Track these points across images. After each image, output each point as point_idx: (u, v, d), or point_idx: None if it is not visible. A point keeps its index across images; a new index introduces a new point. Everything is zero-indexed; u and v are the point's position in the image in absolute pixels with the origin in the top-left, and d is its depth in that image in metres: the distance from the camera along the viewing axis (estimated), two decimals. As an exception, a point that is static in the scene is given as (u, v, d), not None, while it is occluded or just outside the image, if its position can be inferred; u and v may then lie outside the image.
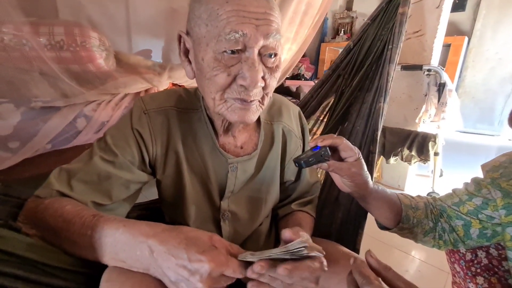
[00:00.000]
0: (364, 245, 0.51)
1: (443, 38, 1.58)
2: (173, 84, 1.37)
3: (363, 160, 0.52)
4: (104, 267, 0.40)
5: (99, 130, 0.93)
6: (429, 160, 1.53)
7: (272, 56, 0.45)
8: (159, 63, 1.32)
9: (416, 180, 1.94)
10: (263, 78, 0.45)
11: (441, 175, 1.76)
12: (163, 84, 1.16)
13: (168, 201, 0.61)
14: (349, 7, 4.29)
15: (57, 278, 0.37)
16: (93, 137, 0.93)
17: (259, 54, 0.44)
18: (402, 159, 1.63)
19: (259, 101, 0.48)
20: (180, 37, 0.49)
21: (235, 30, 0.40)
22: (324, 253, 0.38)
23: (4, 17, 0.76)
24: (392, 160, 1.67)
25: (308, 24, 1.44)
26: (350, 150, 0.51)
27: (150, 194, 0.79)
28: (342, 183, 0.55)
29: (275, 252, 0.36)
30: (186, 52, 0.50)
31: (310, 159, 0.48)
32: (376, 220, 0.63)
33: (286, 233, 0.40)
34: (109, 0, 1.22)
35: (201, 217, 0.61)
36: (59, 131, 0.83)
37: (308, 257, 0.38)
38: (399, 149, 1.62)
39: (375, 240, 1.31)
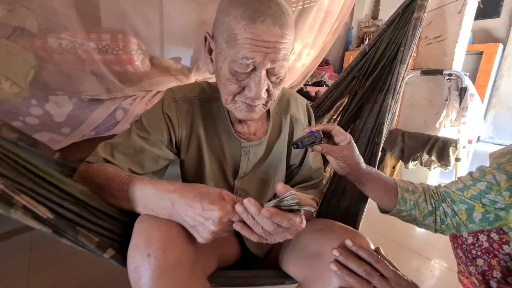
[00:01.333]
0: (382, 248, 0.57)
1: (466, 43, 1.56)
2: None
3: (354, 144, 0.58)
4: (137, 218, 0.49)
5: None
6: (449, 166, 1.49)
7: (277, 75, 0.54)
8: (187, 66, 1.46)
9: (438, 188, 1.89)
10: (267, 90, 0.54)
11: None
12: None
13: (189, 180, 0.71)
14: (374, 16, 4.28)
15: (101, 220, 0.47)
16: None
17: (266, 71, 0.52)
18: (421, 164, 1.61)
19: (263, 104, 0.57)
20: (205, 37, 0.59)
21: (247, 57, 0.48)
22: (316, 207, 0.44)
23: (68, 26, 0.92)
24: (411, 165, 1.65)
25: (326, 31, 1.51)
26: (341, 134, 0.58)
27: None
28: (337, 165, 0.61)
29: (270, 203, 0.43)
30: (210, 51, 0.59)
31: (305, 140, 0.55)
32: (377, 204, 0.67)
33: (279, 186, 0.45)
34: (146, 11, 1.38)
35: None
36: (101, 121, 0.97)
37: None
38: (418, 153, 1.60)
39: (391, 241, 1.31)
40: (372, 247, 0.54)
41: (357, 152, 0.59)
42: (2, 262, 0.97)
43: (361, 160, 0.60)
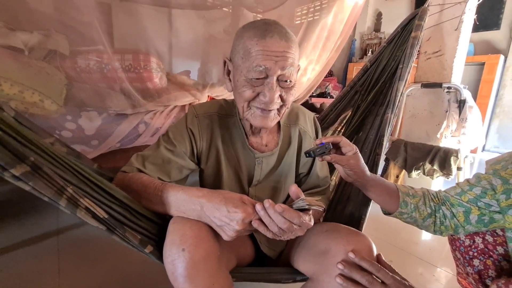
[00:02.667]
0: (387, 254, 0.62)
1: (464, 57, 1.64)
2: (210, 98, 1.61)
3: (360, 154, 0.66)
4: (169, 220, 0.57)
5: (154, 134, 1.17)
6: (451, 175, 1.55)
7: (288, 81, 0.62)
8: (200, 82, 1.57)
9: (442, 196, 1.92)
10: (280, 96, 0.63)
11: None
12: (204, 98, 1.39)
13: (208, 188, 0.78)
14: (377, 29, 4.40)
15: (141, 221, 0.55)
16: (149, 140, 1.16)
17: (278, 79, 0.61)
18: (424, 173, 1.67)
19: (277, 109, 0.65)
20: (224, 61, 0.68)
21: (260, 65, 0.58)
22: (324, 206, 0.51)
23: (96, 48, 1.04)
24: (414, 174, 1.71)
25: (330, 48, 1.61)
26: (348, 145, 0.65)
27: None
28: (344, 173, 0.68)
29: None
30: (228, 72, 0.69)
31: (317, 150, 0.63)
32: (381, 207, 0.74)
33: (292, 187, 0.53)
34: (157, 28, 1.49)
35: None
36: (126, 134, 1.07)
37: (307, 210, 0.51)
38: (421, 163, 1.66)
39: (395, 248, 1.35)
40: (374, 247, 0.61)
41: (362, 161, 0.67)
42: (32, 265, 1.06)
43: (366, 168, 0.68)
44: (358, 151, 0.66)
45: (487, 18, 3.41)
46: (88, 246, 1.16)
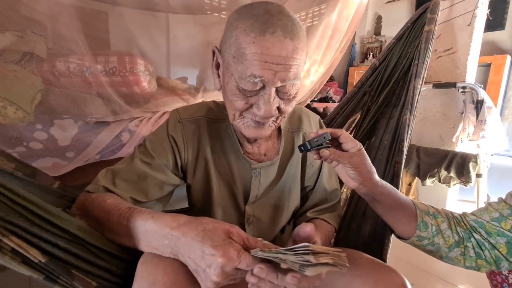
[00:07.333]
0: (405, 273, 0.49)
1: (478, 55, 1.53)
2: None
3: (365, 152, 0.52)
4: (141, 255, 0.44)
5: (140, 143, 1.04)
6: (470, 182, 1.41)
7: (288, 93, 0.49)
8: (194, 86, 1.45)
9: (458, 205, 1.78)
10: (278, 107, 0.50)
11: (487, 201, 1.60)
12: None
13: (197, 206, 0.66)
14: (377, 32, 4.33)
15: (100, 259, 0.42)
16: (134, 150, 1.04)
17: (277, 90, 0.48)
18: (439, 181, 1.53)
19: (274, 120, 0.53)
20: (213, 51, 0.55)
21: (255, 75, 0.45)
22: (347, 264, 0.38)
23: (77, 50, 0.92)
24: (428, 182, 1.57)
25: (334, 48, 1.50)
26: (350, 141, 0.51)
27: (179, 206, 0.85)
28: (347, 176, 0.53)
29: (281, 251, 0.36)
30: (217, 66, 0.55)
31: (314, 140, 0.49)
32: (392, 230, 0.60)
33: (307, 228, 0.41)
34: (154, 34, 1.41)
35: (227, 221, 0.64)
36: (107, 144, 0.94)
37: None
38: (436, 170, 1.52)
39: (414, 266, 1.21)
40: (408, 285, 0.47)
41: (369, 160, 0.53)
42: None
43: (374, 169, 0.53)
44: (363, 149, 0.52)
45: (491, 19, 3.32)
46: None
